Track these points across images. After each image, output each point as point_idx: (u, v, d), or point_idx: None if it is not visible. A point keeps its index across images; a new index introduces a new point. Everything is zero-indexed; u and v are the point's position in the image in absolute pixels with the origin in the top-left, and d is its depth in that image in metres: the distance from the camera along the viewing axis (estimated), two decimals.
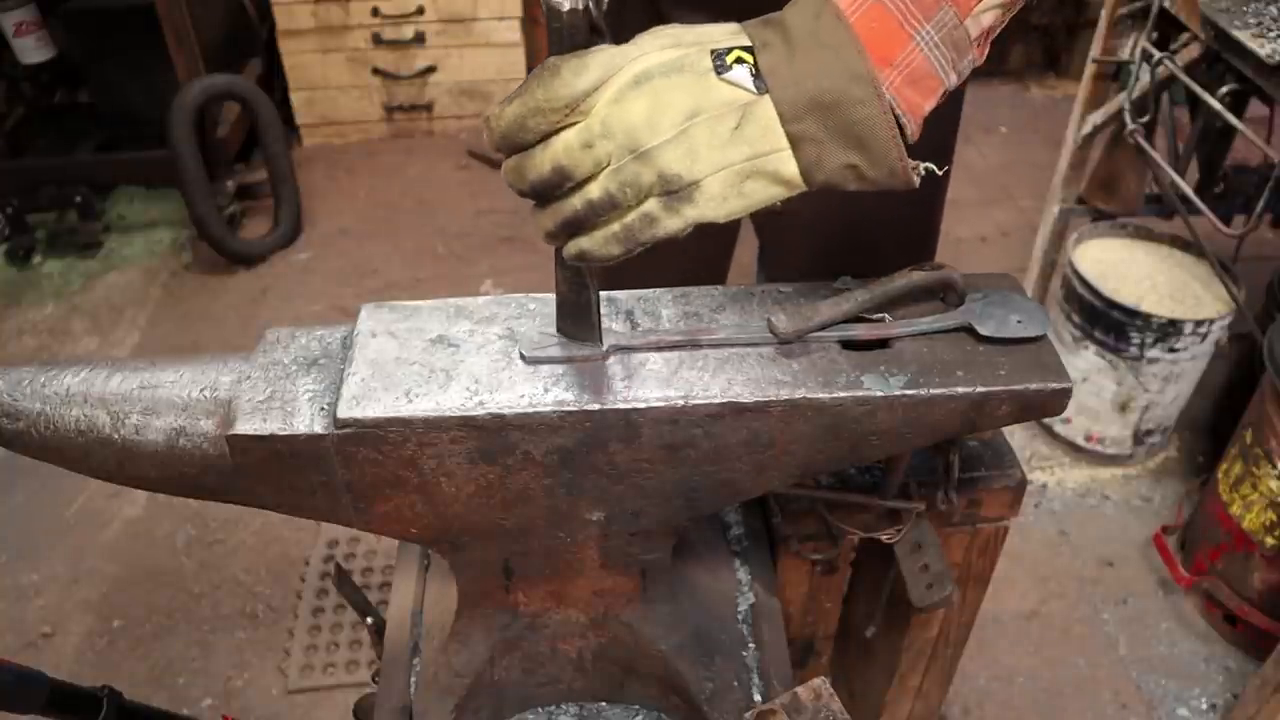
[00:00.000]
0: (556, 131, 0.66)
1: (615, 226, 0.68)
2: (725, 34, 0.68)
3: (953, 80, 0.68)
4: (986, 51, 0.70)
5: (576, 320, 0.81)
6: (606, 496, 0.83)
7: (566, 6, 0.67)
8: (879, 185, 0.68)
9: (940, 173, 0.71)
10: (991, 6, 0.68)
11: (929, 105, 0.68)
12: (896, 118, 0.66)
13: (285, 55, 3.73)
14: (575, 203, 0.68)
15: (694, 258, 0.87)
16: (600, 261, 0.70)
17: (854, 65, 0.64)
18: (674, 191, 0.66)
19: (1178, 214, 2.30)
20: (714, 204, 0.67)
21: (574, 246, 0.70)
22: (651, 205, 0.67)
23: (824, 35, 0.65)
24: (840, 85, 0.64)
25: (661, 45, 0.67)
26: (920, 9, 0.65)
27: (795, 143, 0.66)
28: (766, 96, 0.65)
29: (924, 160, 0.69)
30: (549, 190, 0.68)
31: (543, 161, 0.67)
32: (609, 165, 0.66)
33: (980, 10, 0.67)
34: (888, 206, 1.19)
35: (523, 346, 0.80)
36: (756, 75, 0.65)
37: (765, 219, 1.37)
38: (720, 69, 0.65)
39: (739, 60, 0.65)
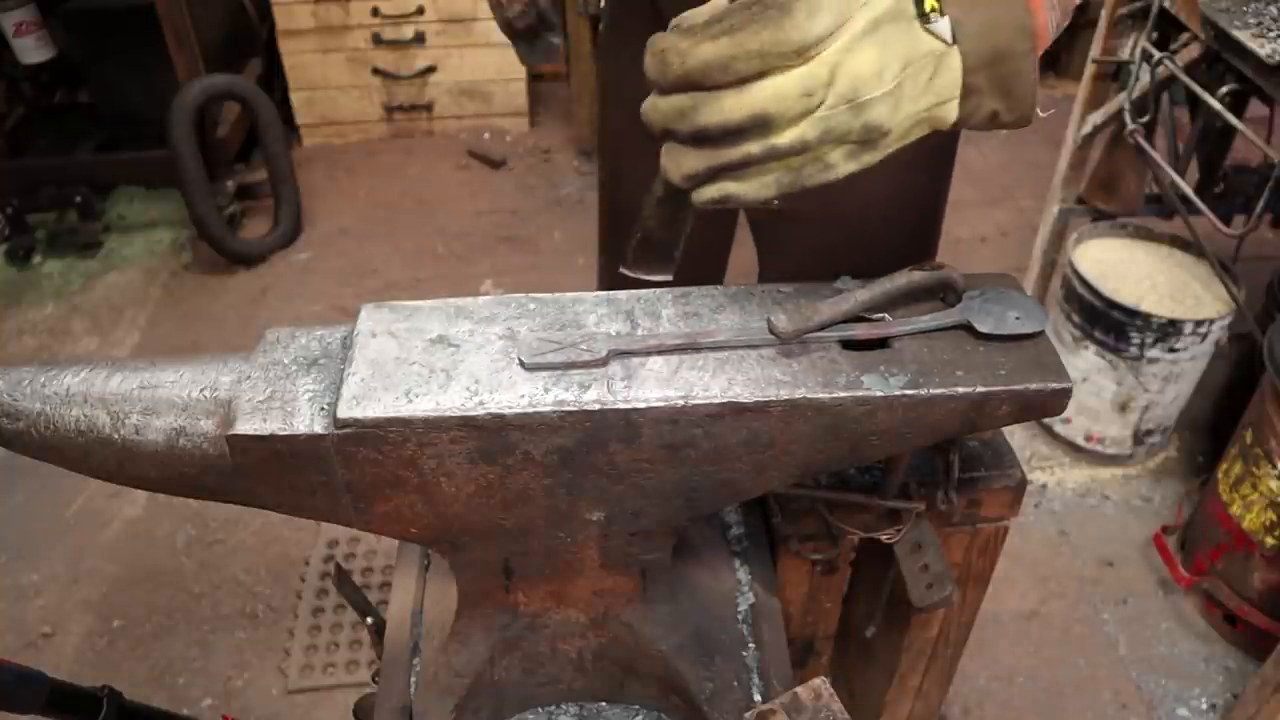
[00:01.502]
0: (761, 74, 0.61)
1: (778, 171, 0.65)
2: None
3: (1052, 38, 0.70)
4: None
5: (657, 257, 0.77)
6: (606, 496, 0.83)
7: None
8: (1006, 127, 0.70)
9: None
10: None
11: (1038, 56, 0.69)
12: None
13: (285, 55, 3.73)
14: (752, 148, 0.63)
15: (690, 256, 0.87)
16: (742, 204, 0.67)
17: (1022, 19, 0.66)
18: (868, 140, 0.65)
19: (1178, 214, 2.31)
20: (886, 149, 0.67)
21: (717, 190, 0.66)
22: (836, 153, 0.65)
23: None
24: (1009, 37, 0.65)
25: None
26: None
27: (965, 92, 0.66)
28: (955, 48, 0.65)
29: (929, 156, 0.69)
30: (726, 135, 0.63)
31: (738, 106, 0.62)
32: (818, 113, 0.62)
33: None
34: (890, 203, 1.19)
35: (522, 353, 0.80)
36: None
37: (764, 219, 1.37)
38: (922, 17, 0.64)
39: (933, 9, 0.64)
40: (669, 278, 0.80)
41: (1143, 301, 2.32)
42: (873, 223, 1.20)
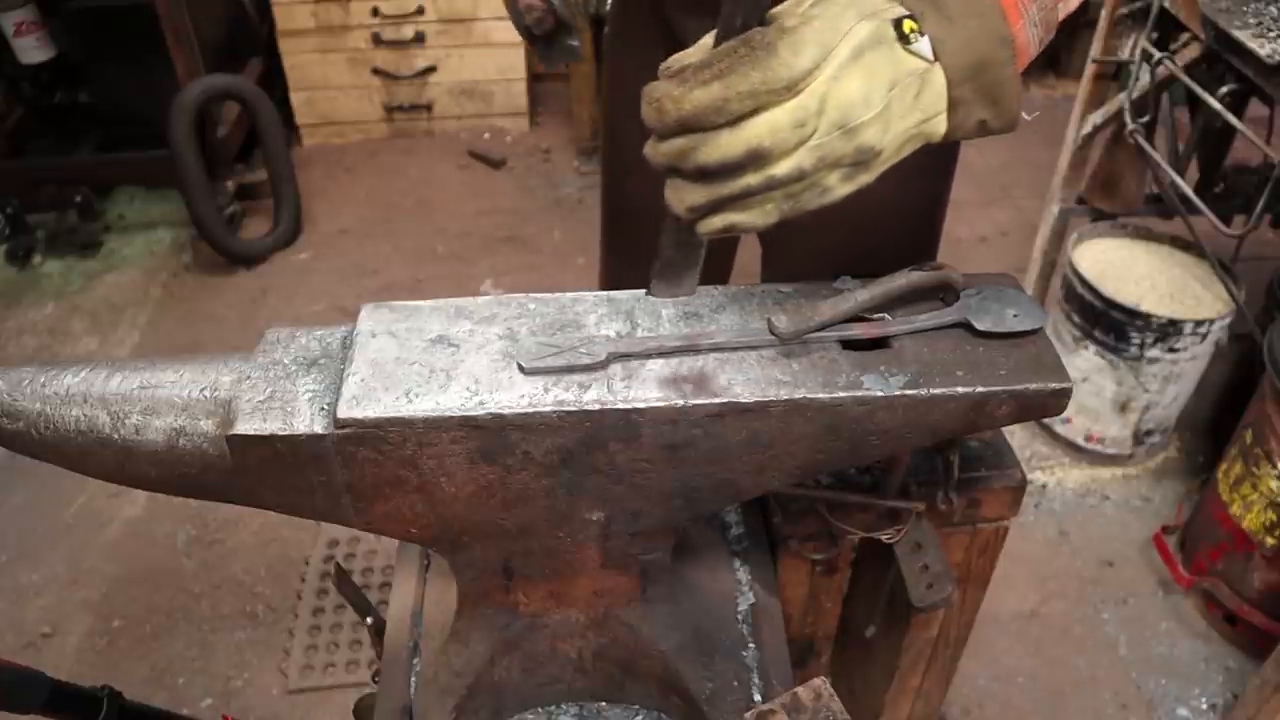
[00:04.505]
0: (755, 111, 0.63)
1: (779, 198, 0.67)
2: (885, 2, 0.68)
3: (1035, 52, 0.74)
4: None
5: (677, 282, 0.81)
6: (606, 496, 0.83)
7: None
8: (995, 133, 0.73)
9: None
10: None
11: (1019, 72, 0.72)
12: None
13: (285, 55, 3.73)
14: (750, 180, 0.65)
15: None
16: (745, 232, 0.69)
17: (1000, 29, 0.68)
18: (861, 162, 0.67)
19: (1178, 214, 2.31)
20: (880, 168, 0.69)
21: (721, 220, 0.68)
22: (832, 176, 0.67)
23: (973, 2, 0.68)
24: (990, 48, 0.68)
25: (851, 16, 0.66)
26: None
27: (952, 105, 0.69)
28: (938, 65, 0.67)
29: (932, 161, 0.70)
30: (726, 171, 0.65)
31: (734, 143, 0.64)
32: (811, 142, 0.65)
33: None
34: (892, 205, 1.19)
35: (520, 358, 0.80)
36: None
37: None
38: (902, 39, 0.66)
39: (912, 30, 0.67)
40: (692, 294, 0.83)
41: (1143, 301, 2.32)
42: (876, 224, 1.20)
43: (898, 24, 0.67)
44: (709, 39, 0.68)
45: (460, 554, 0.90)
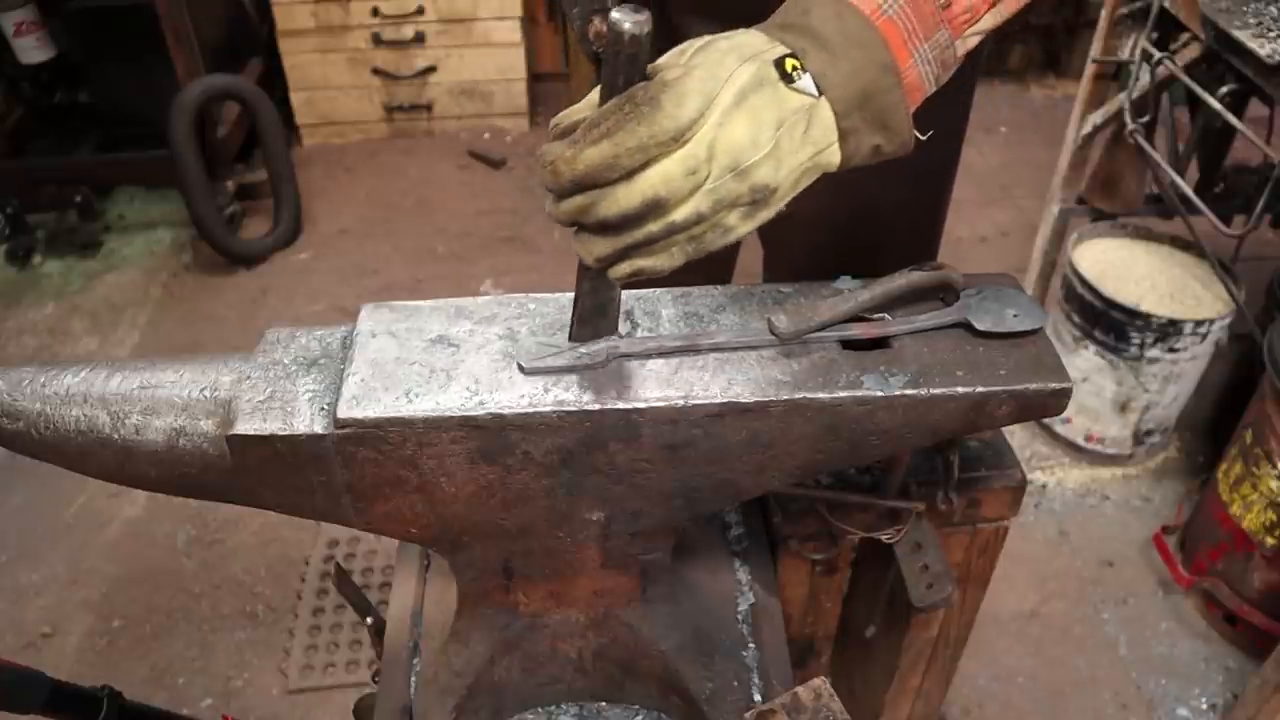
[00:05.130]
0: (645, 164, 0.66)
1: (682, 241, 0.69)
2: (765, 43, 0.70)
3: (931, 89, 0.75)
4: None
5: (597, 325, 0.81)
6: (606, 496, 0.83)
7: (629, 31, 0.64)
8: (888, 158, 0.74)
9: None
10: (977, 32, 0.75)
11: (912, 108, 0.74)
12: None
13: (285, 55, 3.73)
14: (652, 228, 0.68)
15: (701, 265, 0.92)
16: (654, 276, 0.71)
17: (883, 58, 0.70)
18: (757, 200, 0.69)
19: (1178, 214, 2.30)
20: (779, 204, 0.71)
21: (629, 267, 0.71)
22: (732, 216, 0.69)
23: (853, 35, 0.70)
24: (874, 77, 0.70)
25: (731, 61, 0.68)
26: (923, 29, 0.72)
27: (843, 136, 0.71)
28: (824, 98, 0.69)
29: (939, 145, 0.76)
30: (627, 222, 0.67)
31: (630, 196, 0.66)
32: (705, 186, 0.67)
33: (969, 34, 0.74)
34: (894, 206, 1.19)
35: (521, 358, 0.80)
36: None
37: (771, 220, 1.37)
38: (785, 78, 0.68)
39: (794, 68, 0.68)
40: (617, 336, 0.83)
41: (1143, 301, 2.32)
42: (878, 224, 1.21)
43: (779, 63, 0.68)
44: (594, 95, 0.70)
45: (460, 554, 0.90)
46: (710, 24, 0.76)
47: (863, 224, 1.20)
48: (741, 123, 0.66)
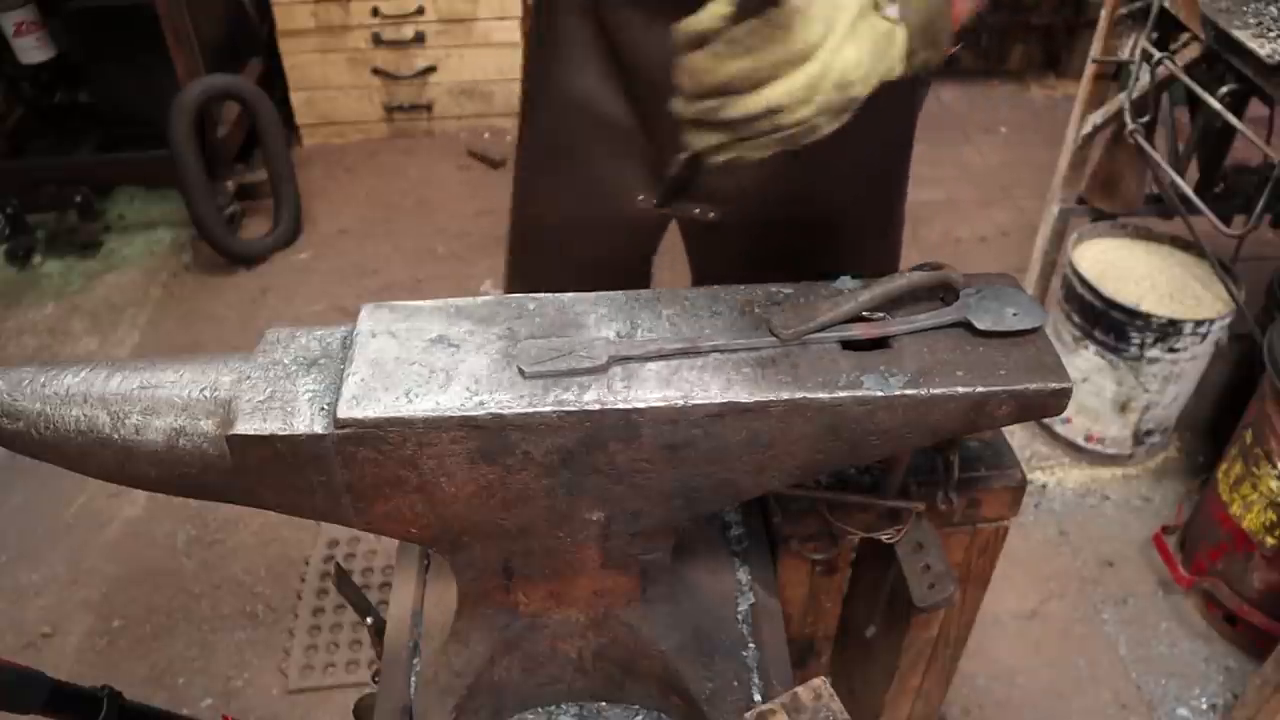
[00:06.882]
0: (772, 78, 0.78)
1: (781, 137, 0.81)
2: None
3: (966, 17, 0.90)
4: None
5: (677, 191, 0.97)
6: (606, 497, 0.83)
7: None
8: (930, 68, 0.87)
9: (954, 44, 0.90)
10: None
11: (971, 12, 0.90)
12: None
13: (285, 55, 3.72)
14: (763, 126, 0.80)
15: (615, 271, 1.06)
16: (745, 164, 0.84)
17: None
18: (848, 107, 0.82)
19: (1178, 214, 2.30)
20: (856, 107, 0.82)
21: (731, 153, 0.83)
22: (823, 119, 0.81)
23: None
24: (936, 8, 0.84)
25: None
26: None
27: (909, 53, 0.83)
28: (902, 24, 0.82)
29: (880, 153, 1.05)
30: (744, 122, 0.79)
31: (757, 102, 0.78)
32: (816, 99, 0.79)
33: None
34: (839, 213, 1.19)
35: (521, 361, 0.80)
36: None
37: (698, 230, 1.34)
38: (878, 8, 0.81)
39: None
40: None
41: (1143, 301, 2.32)
42: (815, 229, 1.19)
43: None
44: (716, 7, 0.78)
45: (460, 554, 0.90)
46: (636, 14, 0.87)
47: (803, 231, 1.19)
48: (851, 49, 0.79)
